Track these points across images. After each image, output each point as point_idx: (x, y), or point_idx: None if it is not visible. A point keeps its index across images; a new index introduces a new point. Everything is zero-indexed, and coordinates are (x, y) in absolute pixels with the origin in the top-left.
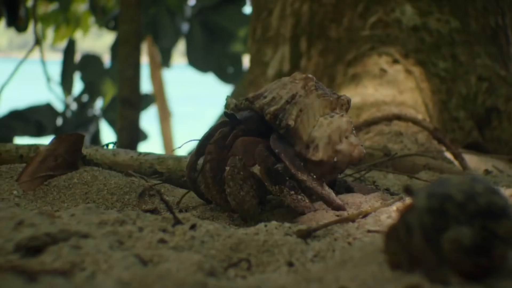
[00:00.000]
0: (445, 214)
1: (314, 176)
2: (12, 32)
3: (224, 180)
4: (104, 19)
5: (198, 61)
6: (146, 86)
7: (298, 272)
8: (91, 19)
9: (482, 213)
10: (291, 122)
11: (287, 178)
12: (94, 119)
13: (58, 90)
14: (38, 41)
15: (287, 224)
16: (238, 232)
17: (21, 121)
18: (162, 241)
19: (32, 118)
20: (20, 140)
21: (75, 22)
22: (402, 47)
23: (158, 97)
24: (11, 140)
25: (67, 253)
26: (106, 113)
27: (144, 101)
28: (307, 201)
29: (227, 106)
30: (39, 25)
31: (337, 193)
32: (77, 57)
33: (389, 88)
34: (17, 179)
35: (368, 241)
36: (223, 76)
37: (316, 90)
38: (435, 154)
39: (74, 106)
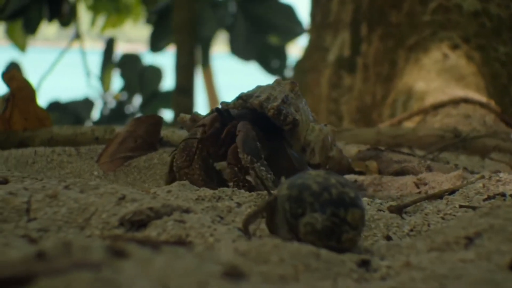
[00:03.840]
0: (302, 201)
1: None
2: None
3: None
4: (149, 13)
5: (240, 50)
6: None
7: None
8: (142, 8)
9: (333, 202)
10: (299, 117)
11: (262, 156)
12: (131, 116)
13: (97, 84)
14: (78, 35)
15: (378, 200)
16: None
17: (60, 112)
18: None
19: (71, 110)
20: None
21: (126, 11)
22: (463, 32)
23: (207, 85)
24: None
25: (171, 227)
26: (144, 109)
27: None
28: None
29: (180, 121)
30: (88, 14)
31: None
32: (121, 47)
33: (452, 73)
34: (97, 160)
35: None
36: (267, 68)
37: (302, 96)
38: (504, 136)
39: (112, 102)
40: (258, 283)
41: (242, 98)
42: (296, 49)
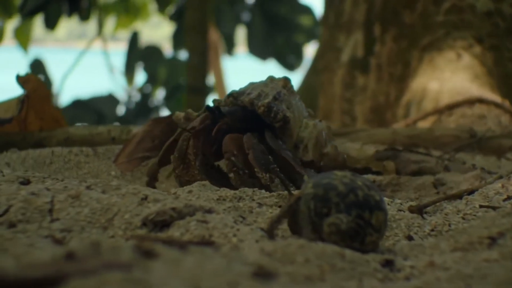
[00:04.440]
0: (328, 201)
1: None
2: (71, 22)
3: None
4: (168, 11)
5: (258, 49)
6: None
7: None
8: (152, 8)
9: (359, 204)
10: (290, 114)
11: (277, 169)
12: (155, 109)
13: (120, 80)
14: (100, 31)
15: (398, 200)
16: None
17: (83, 109)
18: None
19: (94, 107)
20: None
21: (135, 11)
22: (476, 32)
23: (218, 85)
24: None
25: (194, 227)
26: (168, 101)
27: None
28: None
29: (175, 119)
30: (100, 14)
31: None
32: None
33: (466, 73)
34: (114, 160)
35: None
36: (284, 64)
37: (296, 93)
38: None
39: (137, 96)
40: (287, 283)
41: (233, 96)
42: (309, 49)
